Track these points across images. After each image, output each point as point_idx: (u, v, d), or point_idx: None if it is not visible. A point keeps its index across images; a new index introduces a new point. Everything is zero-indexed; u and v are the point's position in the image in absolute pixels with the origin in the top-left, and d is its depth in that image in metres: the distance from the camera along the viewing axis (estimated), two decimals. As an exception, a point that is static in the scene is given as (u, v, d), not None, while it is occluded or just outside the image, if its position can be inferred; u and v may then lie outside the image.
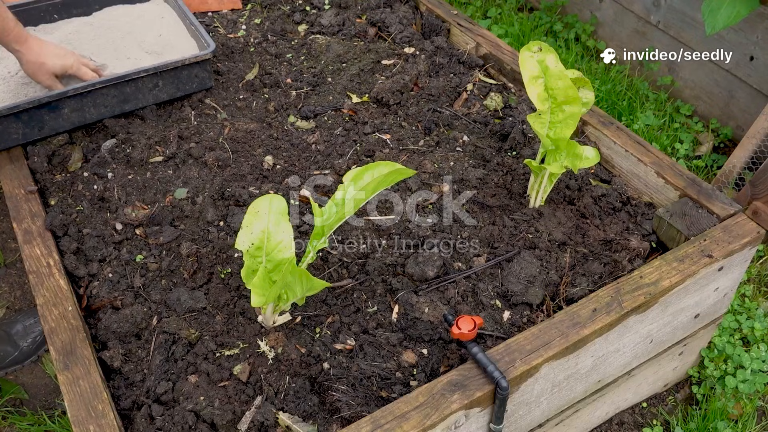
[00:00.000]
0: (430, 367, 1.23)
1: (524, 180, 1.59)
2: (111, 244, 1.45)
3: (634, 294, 1.27)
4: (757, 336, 1.79)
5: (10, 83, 1.72)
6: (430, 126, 1.77)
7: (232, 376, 1.21)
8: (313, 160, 1.67)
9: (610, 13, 2.77)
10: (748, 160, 2.10)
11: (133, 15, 2.00)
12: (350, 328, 1.30)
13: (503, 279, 1.36)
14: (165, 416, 1.15)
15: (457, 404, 1.09)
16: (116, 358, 1.23)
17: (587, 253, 1.43)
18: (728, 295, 1.52)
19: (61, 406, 1.74)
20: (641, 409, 1.68)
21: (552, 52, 1.38)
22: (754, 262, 2.02)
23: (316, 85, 1.93)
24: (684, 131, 2.46)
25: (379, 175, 1.19)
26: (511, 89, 1.91)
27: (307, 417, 1.16)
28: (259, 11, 2.27)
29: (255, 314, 1.30)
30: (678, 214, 1.44)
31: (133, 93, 1.73)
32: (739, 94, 2.33)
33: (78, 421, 1.10)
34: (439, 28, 2.12)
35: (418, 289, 1.35)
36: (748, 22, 2.18)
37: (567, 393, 1.33)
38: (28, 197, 1.52)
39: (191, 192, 1.57)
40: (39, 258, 1.38)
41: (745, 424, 1.63)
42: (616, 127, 1.65)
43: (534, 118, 1.40)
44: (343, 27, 2.16)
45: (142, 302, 1.34)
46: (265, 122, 1.79)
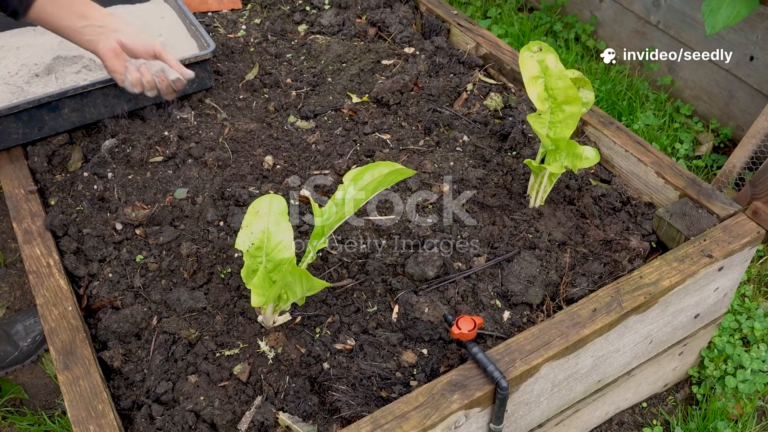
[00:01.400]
0: (430, 367, 1.23)
1: (524, 180, 1.59)
2: (111, 244, 1.45)
3: (634, 294, 1.27)
4: (757, 336, 1.79)
5: (10, 83, 1.72)
6: (430, 126, 1.77)
7: (232, 376, 1.21)
8: (313, 160, 1.67)
9: (610, 13, 2.77)
10: (748, 160, 2.10)
11: (133, 15, 2.00)
12: (350, 328, 1.30)
13: (503, 279, 1.36)
14: (165, 416, 1.15)
15: (457, 404, 1.09)
16: (116, 358, 1.23)
17: (587, 253, 1.43)
18: (728, 295, 1.52)
19: (61, 406, 1.74)
20: (641, 409, 1.68)
21: (552, 52, 1.38)
22: (754, 262, 2.02)
23: (316, 85, 1.93)
24: (684, 131, 2.46)
25: (379, 175, 1.19)
26: (511, 89, 1.91)
27: (307, 417, 1.16)
28: (259, 11, 2.27)
29: (255, 314, 1.30)
30: (678, 214, 1.44)
31: (133, 93, 1.73)
32: (739, 94, 2.33)
33: (78, 421, 1.10)
34: (439, 28, 2.12)
35: (418, 289, 1.35)
36: (748, 22, 2.18)
37: (567, 393, 1.33)
38: (28, 197, 1.52)
39: (191, 192, 1.57)
40: (39, 258, 1.38)
41: (745, 424, 1.64)
42: (616, 127, 1.65)
43: (534, 118, 1.40)
44: (343, 27, 2.16)
45: (142, 302, 1.34)
46: (265, 122, 1.79)
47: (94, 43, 1.38)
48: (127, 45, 1.40)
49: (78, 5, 1.35)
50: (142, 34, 1.42)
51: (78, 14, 1.35)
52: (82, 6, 1.36)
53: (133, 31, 1.42)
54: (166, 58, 1.47)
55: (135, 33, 1.41)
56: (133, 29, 1.42)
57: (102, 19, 1.39)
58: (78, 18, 1.35)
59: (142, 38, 1.42)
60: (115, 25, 1.39)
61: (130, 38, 1.40)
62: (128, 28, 1.41)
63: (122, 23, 1.41)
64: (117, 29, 1.39)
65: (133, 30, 1.42)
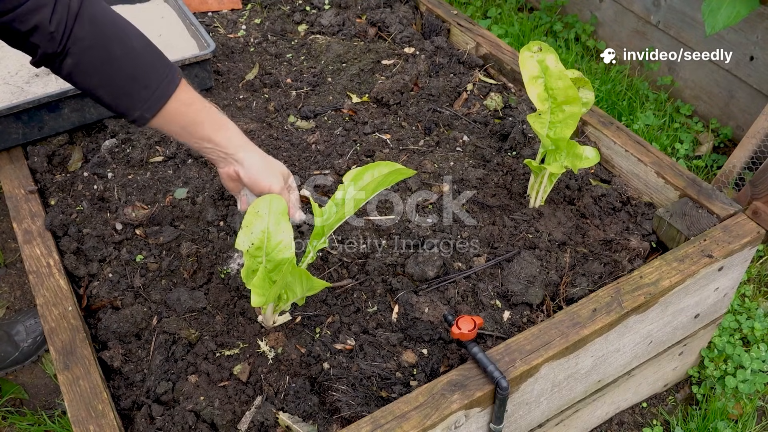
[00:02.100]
0: (430, 367, 1.23)
1: (524, 180, 1.59)
2: (111, 244, 1.45)
3: (634, 294, 1.27)
4: (757, 336, 1.79)
5: (10, 83, 1.72)
6: (430, 126, 1.77)
7: (232, 376, 1.21)
8: (313, 160, 1.67)
9: (610, 13, 2.77)
10: (748, 160, 2.10)
11: (133, 15, 2.00)
12: (350, 328, 1.30)
13: (503, 279, 1.36)
14: (165, 416, 1.15)
15: (457, 404, 1.09)
16: (116, 358, 1.23)
17: (587, 253, 1.43)
18: (728, 295, 1.52)
19: (61, 406, 1.74)
20: (641, 409, 1.68)
21: (552, 52, 1.38)
22: (754, 262, 2.02)
23: (316, 85, 1.93)
24: (684, 131, 2.46)
25: (379, 175, 1.19)
26: (511, 89, 1.91)
27: (307, 417, 1.16)
28: (259, 11, 2.27)
29: (255, 314, 1.30)
30: (678, 214, 1.44)
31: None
32: (739, 94, 2.33)
33: (78, 421, 1.10)
34: (439, 28, 2.12)
35: (418, 289, 1.35)
36: (748, 22, 2.18)
37: (567, 393, 1.33)
38: (28, 197, 1.52)
39: (191, 192, 1.57)
40: (39, 258, 1.38)
41: (745, 424, 1.63)
42: (616, 127, 1.65)
43: (534, 118, 1.40)
44: (343, 27, 2.16)
45: (142, 302, 1.34)
46: (265, 122, 1.79)
47: (215, 161, 1.25)
48: (243, 180, 1.23)
49: (205, 129, 1.19)
50: (264, 174, 1.23)
51: (203, 138, 1.20)
52: (209, 130, 1.20)
53: (257, 169, 1.22)
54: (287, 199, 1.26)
55: (257, 173, 1.22)
56: (257, 167, 1.22)
57: (227, 145, 1.22)
58: (202, 141, 1.20)
59: (257, 182, 1.22)
60: (240, 156, 1.22)
61: (248, 177, 1.22)
62: (253, 163, 1.22)
63: (250, 155, 1.23)
64: (240, 161, 1.22)
65: (257, 168, 1.22)
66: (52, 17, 1.01)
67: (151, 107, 1.13)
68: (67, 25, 1.03)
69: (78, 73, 1.08)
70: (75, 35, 1.04)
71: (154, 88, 1.13)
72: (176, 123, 1.18)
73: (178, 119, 1.17)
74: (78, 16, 1.04)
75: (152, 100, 1.13)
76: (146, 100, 1.12)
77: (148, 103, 1.13)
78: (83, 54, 1.06)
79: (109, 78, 1.10)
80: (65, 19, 1.03)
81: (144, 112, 1.13)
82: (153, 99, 1.13)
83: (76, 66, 1.07)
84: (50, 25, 1.01)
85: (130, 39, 1.13)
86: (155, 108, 1.13)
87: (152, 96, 1.12)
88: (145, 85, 1.12)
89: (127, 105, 1.13)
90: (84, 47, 1.06)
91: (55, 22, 1.01)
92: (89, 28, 1.06)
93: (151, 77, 1.13)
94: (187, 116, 1.18)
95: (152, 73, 1.13)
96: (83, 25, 1.05)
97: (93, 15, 1.07)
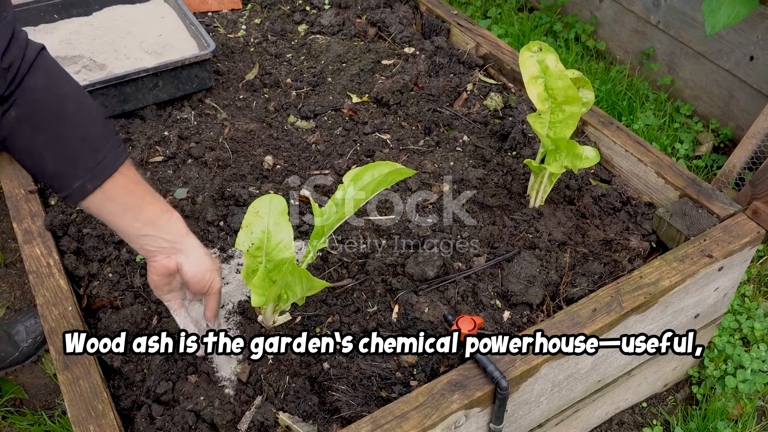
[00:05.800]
0: (430, 367, 1.23)
1: (524, 180, 1.59)
2: (111, 244, 1.45)
3: (634, 294, 1.27)
4: (757, 336, 1.79)
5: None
6: (430, 126, 1.77)
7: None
8: (313, 160, 1.67)
9: (610, 13, 2.77)
10: (748, 160, 2.10)
11: (133, 15, 2.00)
12: (350, 328, 1.29)
13: (503, 279, 1.36)
14: (165, 416, 1.15)
15: (457, 404, 1.09)
16: (116, 358, 1.23)
17: (587, 253, 1.43)
18: (728, 295, 1.52)
19: (61, 406, 1.74)
20: (641, 409, 1.68)
21: (552, 52, 1.38)
22: (754, 262, 2.02)
23: (316, 85, 1.93)
24: (684, 131, 2.46)
25: (379, 175, 1.19)
26: (511, 89, 1.91)
27: (307, 417, 1.16)
28: (259, 11, 2.27)
29: (255, 314, 1.30)
30: (678, 214, 1.44)
31: (133, 93, 1.73)
32: (739, 94, 2.33)
33: (78, 421, 1.10)
34: (439, 28, 2.12)
35: (418, 289, 1.35)
36: (748, 22, 2.18)
37: (567, 393, 1.33)
38: (28, 197, 1.52)
39: (191, 192, 1.57)
40: (39, 258, 1.38)
41: (745, 424, 1.63)
42: (616, 127, 1.65)
43: (534, 118, 1.40)
44: (343, 27, 2.16)
45: (142, 302, 1.34)
46: (265, 122, 1.79)
47: (151, 254, 1.09)
48: (185, 274, 1.11)
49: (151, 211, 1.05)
50: (204, 267, 1.11)
51: (147, 222, 1.05)
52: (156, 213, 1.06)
53: (201, 262, 1.11)
54: (208, 304, 1.18)
55: (201, 265, 1.11)
56: (201, 260, 1.11)
57: (172, 231, 1.08)
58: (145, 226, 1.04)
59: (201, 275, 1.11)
60: (184, 246, 1.09)
61: (191, 270, 1.10)
62: (198, 254, 1.11)
63: (192, 245, 1.11)
64: (184, 251, 1.09)
65: (200, 260, 1.11)
66: (5, 54, 0.88)
67: (96, 177, 0.97)
68: (20, 69, 0.91)
69: (21, 130, 0.93)
70: (26, 85, 0.92)
71: (101, 158, 0.97)
72: (119, 200, 1.01)
73: (123, 197, 1.01)
74: (32, 67, 0.92)
75: (98, 169, 0.97)
76: (91, 168, 0.96)
77: (93, 171, 0.96)
78: (34, 106, 0.93)
79: (58, 136, 0.95)
80: (19, 62, 0.90)
81: (86, 182, 0.96)
82: (99, 168, 0.97)
83: (21, 121, 0.92)
84: (2, 62, 0.88)
85: (84, 97, 1.00)
86: (100, 178, 0.97)
87: (99, 164, 0.97)
88: (94, 149, 0.96)
89: (70, 173, 0.96)
90: (35, 99, 0.93)
91: (7, 61, 0.89)
92: (43, 82, 0.94)
93: (102, 141, 0.98)
94: (134, 194, 1.02)
95: (103, 138, 0.99)
96: (36, 76, 0.93)
97: (48, 69, 0.96)
